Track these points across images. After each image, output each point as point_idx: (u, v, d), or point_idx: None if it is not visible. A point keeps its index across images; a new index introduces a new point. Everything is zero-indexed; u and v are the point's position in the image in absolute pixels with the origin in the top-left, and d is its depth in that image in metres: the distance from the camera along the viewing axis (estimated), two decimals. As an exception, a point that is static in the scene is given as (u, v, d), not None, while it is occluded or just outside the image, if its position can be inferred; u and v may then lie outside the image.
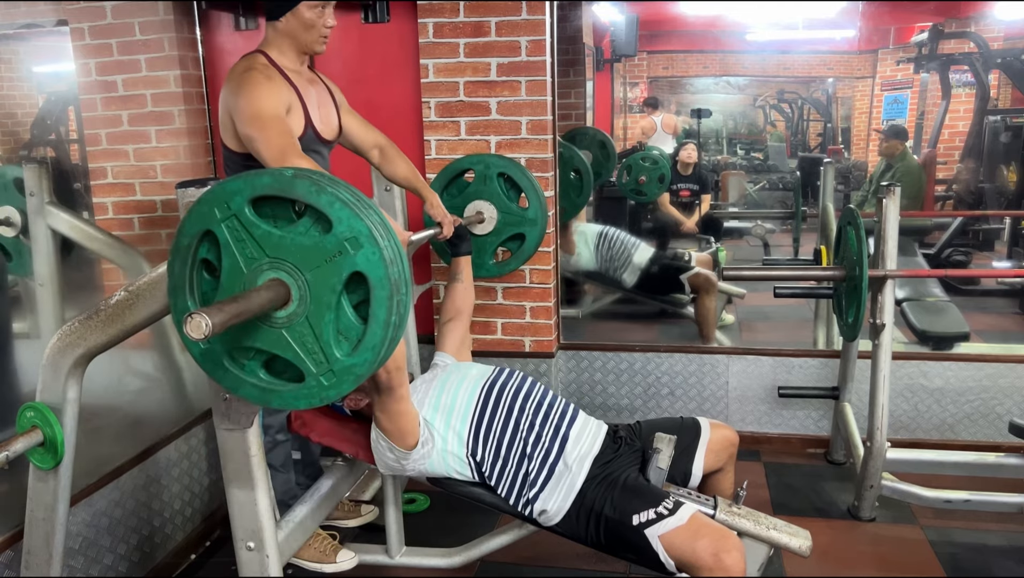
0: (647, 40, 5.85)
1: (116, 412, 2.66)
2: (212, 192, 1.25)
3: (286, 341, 1.25)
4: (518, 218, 2.57)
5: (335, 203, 1.18)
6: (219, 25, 3.16)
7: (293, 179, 1.20)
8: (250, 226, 1.23)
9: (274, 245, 1.22)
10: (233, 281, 1.25)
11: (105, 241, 2.80)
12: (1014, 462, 2.53)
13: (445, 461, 1.92)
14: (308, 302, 1.23)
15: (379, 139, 2.31)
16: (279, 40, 2.03)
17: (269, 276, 1.23)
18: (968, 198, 5.45)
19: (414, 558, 2.38)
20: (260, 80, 1.90)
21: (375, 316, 1.21)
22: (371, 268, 1.19)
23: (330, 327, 1.23)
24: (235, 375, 1.31)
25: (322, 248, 1.20)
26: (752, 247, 5.19)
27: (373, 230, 1.19)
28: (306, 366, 1.25)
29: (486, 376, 2.02)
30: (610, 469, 1.91)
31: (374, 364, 1.25)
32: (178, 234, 1.28)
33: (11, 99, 3.90)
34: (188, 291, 1.29)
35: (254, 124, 1.86)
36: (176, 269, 1.29)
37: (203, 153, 3.14)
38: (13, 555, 1.82)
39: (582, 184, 3.61)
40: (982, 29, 5.56)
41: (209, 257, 1.28)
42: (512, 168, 2.56)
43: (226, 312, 1.09)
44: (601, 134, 4.25)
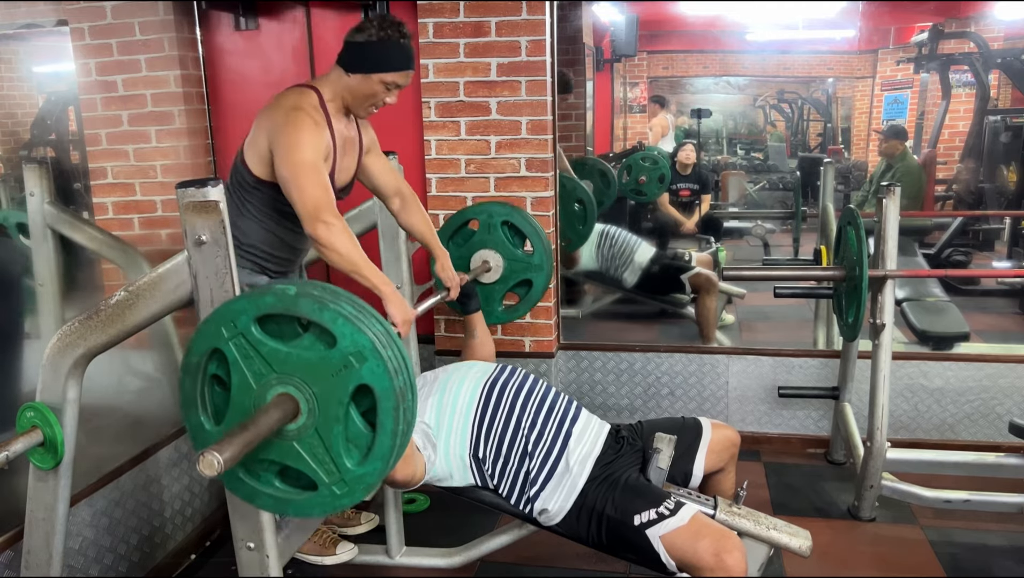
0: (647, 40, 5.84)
1: (116, 412, 2.66)
2: (218, 312, 1.30)
3: (297, 452, 1.29)
4: (524, 265, 2.59)
5: (338, 319, 1.23)
6: (219, 25, 3.16)
7: (296, 297, 1.25)
8: (257, 344, 1.28)
9: (281, 361, 1.27)
10: (243, 396, 1.31)
11: (105, 241, 2.80)
12: (1014, 462, 2.53)
13: (448, 464, 1.92)
14: (317, 414, 1.27)
15: (402, 188, 2.28)
16: (337, 88, 1.98)
17: (278, 390, 1.28)
18: (968, 198, 5.45)
19: (414, 558, 2.38)
20: (309, 125, 1.86)
21: (383, 426, 1.26)
22: (376, 380, 1.24)
23: (339, 437, 1.28)
24: (251, 486, 1.35)
25: (328, 362, 1.25)
26: (752, 247, 5.19)
27: (376, 343, 1.23)
28: (318, 476, 1.30)
29: (488, 374, 2.03)
30: (611, 469, 1.91)
31: (385, 471, 1.29)
32: (187, 352, 1.33)
33: (11, 99, 3.90)
34: (200, 407, 1.34)
35: (294, 169, 1.82)
36: (187, 386, 1.34)
37: (203, 153, 3.14)
38: (13, 555, 1.82)
39: (586, 215, 3.65)
40: (982, 29, 5.56)
41: (219, 373, 1.33)
42: (515, 215, 2.58)
43: (236, 445, 1.14)
44: (601, 164, 4.28)
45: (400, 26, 1.95)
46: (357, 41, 1.94)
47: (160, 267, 1.51)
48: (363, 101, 2.00)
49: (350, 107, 2.03)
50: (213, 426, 1.35)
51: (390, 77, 1.96)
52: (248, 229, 2.00)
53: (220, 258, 1.42)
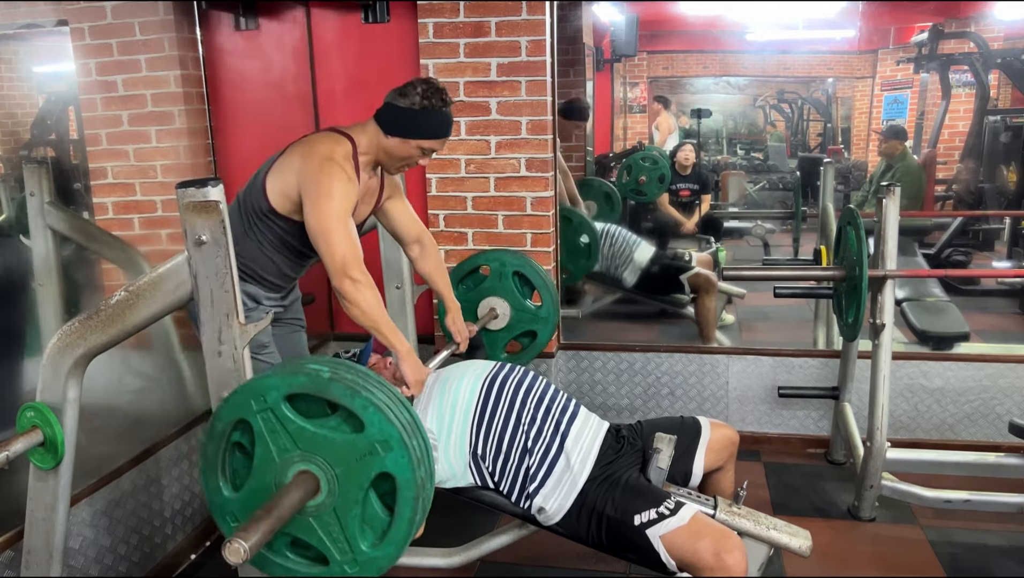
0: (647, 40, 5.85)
1: (116, 412, 2.66)
2: (249, 385, 1.32)
3: (312, 528, 1.32)
4: (531, 316, 2.62)
5: (369, 407, 1.25)
6: (219, 25, 3.17)
7: (329, 381, 1.27)
8: (284, 420, 1.30)
9: (307, 440, 1.29)
10: (265, 469, 1.33)
11: (105, 241, 2.80)
12: (1014, 462, 2.53)
13: (450, 465, 1.93)
14: (336, 495, 1.30)
15: (422, 236, 2.30)
16: (373, 144, 2.00)
17: (299, 467, 1.30)
18: (968, 198, 5.45)
19: (414, 558, 2.37)
20: (342, 177, 1.87)
21: (401, 514, 1.28)
22: (399, 470, 1.26)
23: (356, 519, 1.30)
24: (263, 555, 1.37)
25: (353, 447, 1.27)
26: (752, 247, 5.19)
27: (403, 434, 1.26)
28: (331, 554, 1.32)
29: (487, 371, 2.03)
30: (612, 469, 1.91)
31: (397, 556, 1.32)
32: (214, 418, 1.35)
33: (11, 99, 3.90)
34: (220, 472, 1.37)
35: (325, 221, 1.83)
36: (210, 452, 1.36)
37: (203, 153, 3.14)
38: (13, 555, 1.82)
39: (590, 251, 3.71)
40: (982, 29, 5.56)
41: (242, 441, 1.35)
42: (526, 267, 2.62)
43: (261, 532, 1.17)
44: (605, 184, 4.32)
45: (443, 93, 1.97)
46: (400, 106, 1.95)
47: (160, 267, 1.51)
48: (397, 162, 2.03)
49: (382, 164, 2.06)
50: (231, 493, 1.37)
51: (428, 144, 1.99)
52: (248, 251, 2.00)
53: (220, 258, 1.42)
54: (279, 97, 3.22)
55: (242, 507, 1.37)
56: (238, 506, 1.37)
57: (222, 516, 1.39)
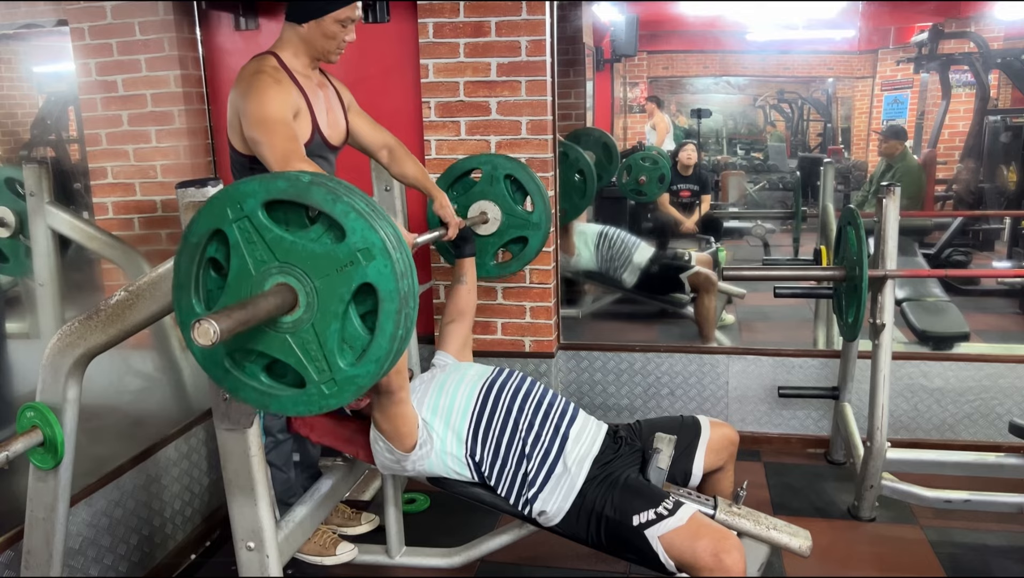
0: (647, 40, 5.85)
1: (116, 412, 2.66)
2: (226, 192, 1.24)
3: (289, 346, 1.24)
4: (522, 221, 2.57)
5: (350, 213, 1.17)
6: (219, 25, 3.16)
7: (309, 185, 1.19)
8: (262, 229, 1.22)
9: (285, 250, 1.22)
10: (240, 283, 1.25)
11: (105, 241, 2.80)
12: (1014, 462, 2.53)
13: (444, 462, 1.92)
14: (315, 309, 1.22)
15: (388, 139, 2.31)
16: (295, 43, 2.01)
17: (277, 280, 1.22)
18: (968, 198, 5.45)
19: (414, 558, 2.38)
20: (269, 83, 1.89)
21: (382, 329, 1.20)
22: (382, 281, 1.19)
23: (335, 336, 1.22)
24: (235, 377, 1.30)
25: (334, 257, 1.19)
26: (752, 247, 5.19)
27: (387, 242, 1.18)
28: (308, 373, 1.25)
29: (485, 376, 2.02)
30: (610, 469, 1.91)
31: (378, 375, 1.24)
32: (187, 231, 1.27)
33: (11, 99, 3.90)
34: (193, 289, 1.28)
35: (260, 128, 1.85)
36: (183, 266, 1.28)
37: (203, 153, 3.14)
38: (13, 555, 1.82)
39: (585, 185, 3.60)
40: (982, 29, 5.56)
41: (217, 256, 1.27)
42: (519, 171, 2.56)
43: (234, 319, 1.08)
44: (604, 135, 4.24)
45: None
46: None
47: (160, 267, 1.51)
48: (326, 46, 2.02)
49: (318, 56, 2.04)
50: (205, 311, 1.29)
51: (342, 14, 1.98)
52: None
53: (220, 258, 1.41)
54: (279, 97, 3.22)
55: None
56: None
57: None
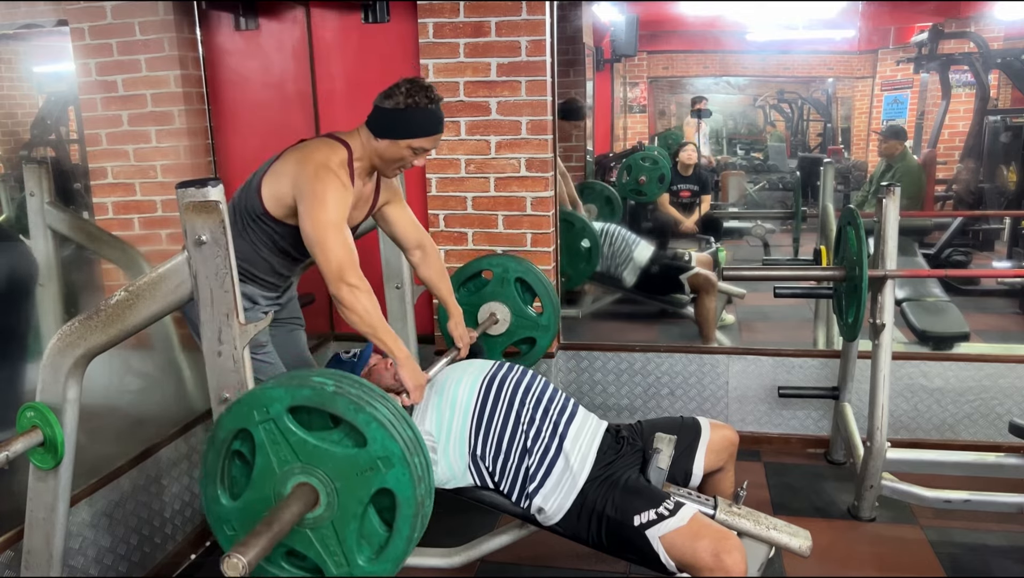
0: (647, 40, 5.85)
1: (116, 412, 2.66)
2: (253, 395, 1.32)
3: (309, 541, 1.31)
4: (531, 323, 2.61)
5: (372, 423, 1.25)
6: (219, 25, 3.17)
7: (334, 395, 1.27)
8: (286, 432, 1.29)
9: (308, 452, 1.29)
10: (264, 480, 1.32)
11: (105, 241, 2.80)
12: (1014, 462, 2.53)
13: (450, 466, 1.93)
14: (335, 508, 1.29)
15: (424, 240, 2.29)
16: (365, 149, 2.00)
17: (299, 479, 1.29)
18: (968, 198, 5.45)
19: (414, 558, 2.37)
20: (337, 185, 1.87)
21: (399, 532, 1.28)
22: (400, 487, 1.26)
23: (354, 534, 1.30)
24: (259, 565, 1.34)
25: (355, 462, 1.27)
26: (752, 247, 5.19)
27: (405, 451, 1.25)
28: (327, 566, 1.32)
29: (486, 370, 2.03)
30: (611, 469, 1.91)
31: (393, 573, 1.31)
32: (216, 426, 1.35)
33: (11, 99, 3.90)
34: (219, 480, 1.36)
35: (320, 229, 1.83)
36: (210, 460, 1.36)
37: (203, 153, 3.14)
38: (13, 555, 1.82)
39: (591, 256, 3.72)
40: (982, 29, 5.56)
41: (243, 450, 1.35)
42: (529, 274, 2.61)
43: (260, 546, 1.16)
44: (608, 190, 4.32)
45: (428, 90, 1.96)
46: (386, 107, 1.95)
47: (160, 267, 1.51)
48: (391, 164, 2.02)
49: (377, 168, 2.05)
50: (230, 502, 1.37)
51: (418, 143, 1.98)
52: (243, 251, 2.00)
53: (220, 258, 1.42)
54: (279, 97, 3.22)
55: (240, 517, 1.37)
56: (236, 516, 1.37)
57: (219, 525, 1.39)
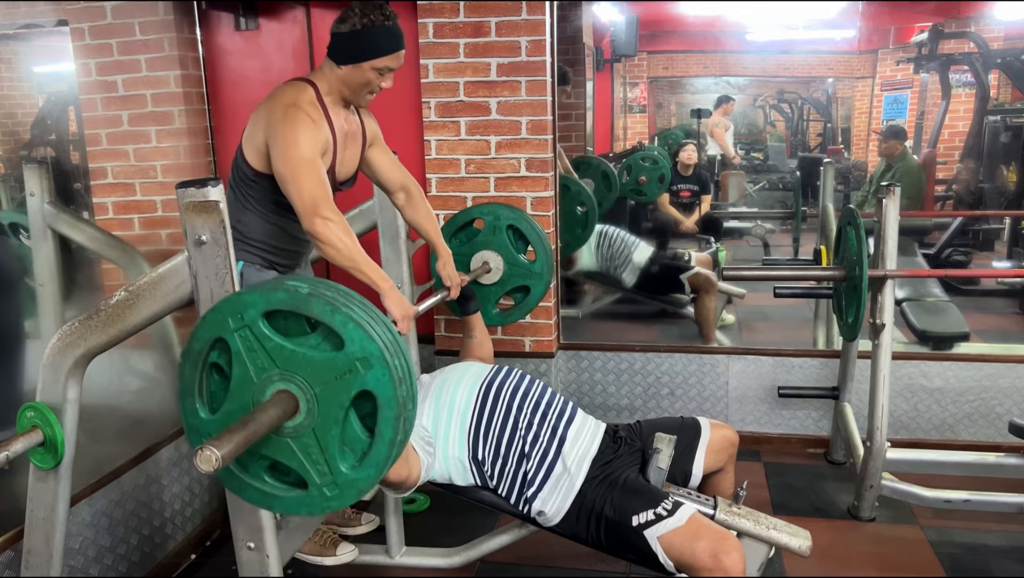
0: (647, 40, 5.84)
1: (116, 412, 2.66)
2: (227, 302, 1.28)
3: (291, 450, 1.28)
4: (524, 271, 2.58)
5: (348, 323, 1.21)
6: (219, 25, 3.16)
7: (308, 297, 1.23)
8: (262, 338, 1.26)
9: (285, 358, 1.26)
10: (243, 389, 1.29)
11: (105, 241, 2.80)
12: (1014, 462, 2.53)
13: (447, 466, 1.92)
14: (316, 415, 1.26)
15: (407, 182, 2.27)
16: (332, 80, 1.98)
17: (278, 386, 1.26)
18: (968, 198, 5.45)
19: (414, 558, 2.38)
20: (306, 122, 1.86)
21: (381, 434, 1.24)
22: (380, 388, 1.22)
23: (336, 440, 1.26)
24: (240, 478, 1.33)
25: (333, 365, 1.23)
26: (752, 247, 5.19)
27: (384, 351, 1.22)
28: (310, 476, 1.28)
29: (484, 375, 2.03)
30: (610, 469, 1.91)
31: (378, 478, 1.28)
32: (191, 338, 1.31)
33: (11, 99, 3.90)
34: (197, 394, 1.33)
35: (291, 166, 1.82)
36: (187, 372, 1.33)
37: (203, 153, 3.14)
38: (13, 555, 1.83)
39: (587, 219, 3.66)
40: (982, 29, 5.56)
41: (220, 362, 1.31)
42: (521, 221, 2.58)
43: (235, 442, 1.12)
44: (604, 165, 4.27)
45: (383, 8, 1.93)
46: (342, 32, 1.93)
47: (160, 267, 1.51)
48: (359, 90, 2.00)
49: (348, 98, 2.02)
50: (208, 415, 1.33)
51: (381, 63, 1.95)
52: (252, 223, 2.01)
53: (220, 258, 1.42)
54: (279, 97, 3.22)
55: (219, 429, 1.31)
56: (215, 428, 1.33)
57: (198, 438, 1.35)
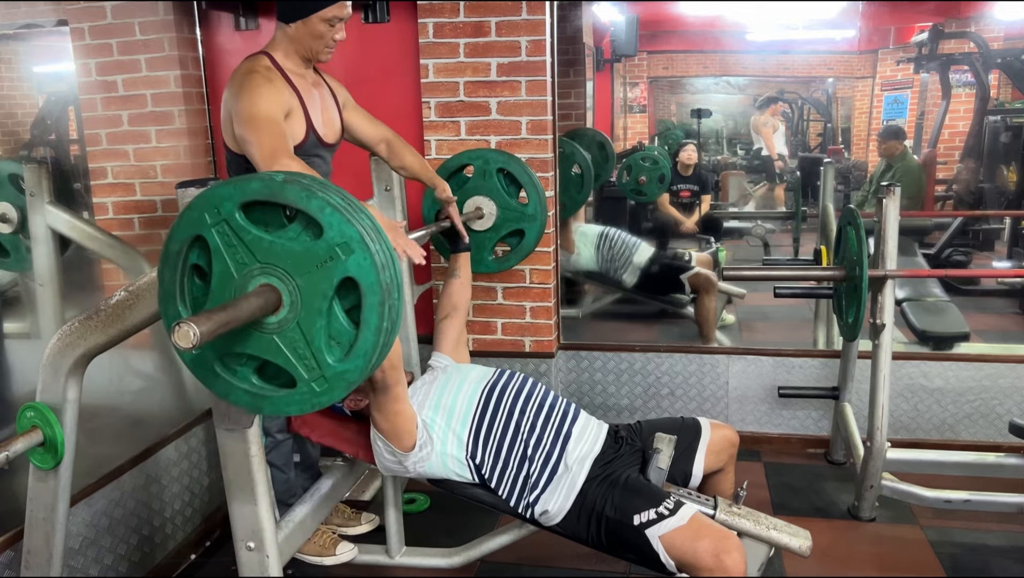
0: (647, 40, 5.84)
1: (116, 412, 2.66)
2: (202, 197, 1.24)
3: (277, 346, 1.25)
4: (517, 214, 2.57)
5: (325, 208, 1.18)
6: (219, 25, 3.16)
7: (283, 184, 1.20)
8: (240, 231, 1.22)
9: (264, 250, 1.22)
10: (224, 287, 1.25)
11: (105, 241, 2.80)
12: (1014, 462, 2.53)
13: (444, 463, 1.92)
14: (299, 308, 1.22)
15: (386, 133, 2.32)
16: (286, 43, 2.02)
17: (260, 281, 1.23)
18: (968, 198, 5.45)
19: (414, 558, 2.38)
20: (260, 82, 1.90)
21: (367, 322, 1.21)
22: (362, 274, 1.19)
23: (322, 332, 1.23)
24: (226, 381, 1.30)
25: (313, 253, 1.20)
26: (752, 247, 5.19)
27: (364, 235, 1.18)
28: (297, 372, 1.25)
29: (486, 378, 2.02)
30: (611, 469, 1.91)
31: (366, 370, 1.24)
32: (168, 240, 1.27)
33: (11, 99, 3.90)
34: (179, 297, 1.29)
35: (248, 126, 1.85)
36: (166, 276, 1.28)
37: (203, 153, 3.14)
38: (13, 555, 1.82)
39: (583, 181, 3.62)
40: (982, 29, 5.56)
41: (200, 263, 1.27)
42: (512, 164, 2.56)
43: (215, 321, 1.08)
44: (600, 135, 4.25)
45: None
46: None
47: (160, 267, 1.51)
48: (314, 44, 2.02)
49: (308, 56, 2.05)
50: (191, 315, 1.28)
51: (329, 13, 1.98)
52: None
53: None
54: (279, 97, 3.22)
55: None
56: None
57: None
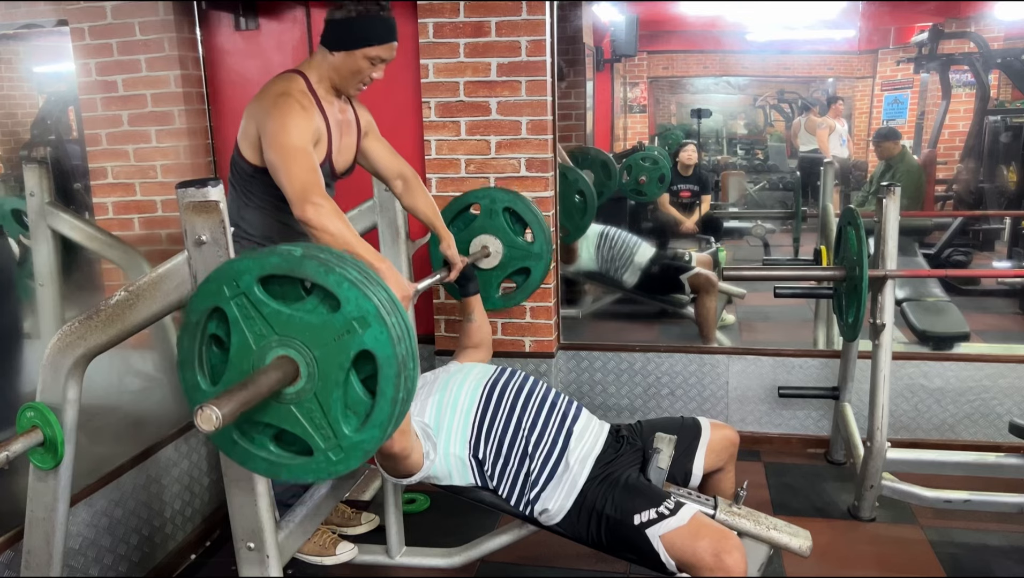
0: (647, 40, 5.84)
1: (116, 412, 2.66)
2: (221, 270, 1.27)
3: (295, 416, 1.27)
4: (523, 252, 2.58)
5: (343, 282, 1.20)
6: (219, 25, 3.17)
7: (302, 259, 1.22)
8: (259, 304, 1.25)
9: (283, 323, 1.25)
10: (242, 358, 1.28)
11: (105, 241, 2.80)
12: (1014, 462, 2.53)
13: (448, 463, 1.92)
14: (316, 379, 1.25)
15: (404, 170, 2.28)
16: (324, 69, 2.00)
17: (278, 353, 1.25)
18: (968, 198, 5.45)
19: (414, 558, 2.38)
20: (296, 109, 1.87)
21: (383, 393, 1.23)
22: (379, 347, 1.21)
23: (338, 403, 1.25)
24: (244, 449, 1.33)
25: (330, 327, 1.22)
26: (752, 247, 5.19)
27: (380, 309, 1.21)
28: (315, 442, 1.28)
29: (488, 375, 2.03)
30: (611, 469, 1.91)
31: (382, 439, 1.27)
32: (188, 310, 1.30)
33: (11, 99, 3.90)
34: (197, 366, 1.32)
35: (281, 153, 1.82)
36: (185, 344, 1.31)
37: (203, 153, 3.14)
38: (13, 555, 1.82)
39: (586, 207, 3.65)
40: (982, 29, 5.56)
41: (218, 333, 1.30)
42: (517, 202, 2.57)
43: (235, 401, 1.11)
44: (603, 154, 4.27)
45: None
46: (337, 19, 1.94)
47: (160, 267, 1.51)
48: (350, 79, 2.00)
49: (338, 87, 2.03)
50: (209, 386, 1.33)
51: (373, 52, 1.96)
52: (255, 220, 2.02)
53: (220, 258, 1.41)
54: (279, 97, 3.22)
55: None
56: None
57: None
